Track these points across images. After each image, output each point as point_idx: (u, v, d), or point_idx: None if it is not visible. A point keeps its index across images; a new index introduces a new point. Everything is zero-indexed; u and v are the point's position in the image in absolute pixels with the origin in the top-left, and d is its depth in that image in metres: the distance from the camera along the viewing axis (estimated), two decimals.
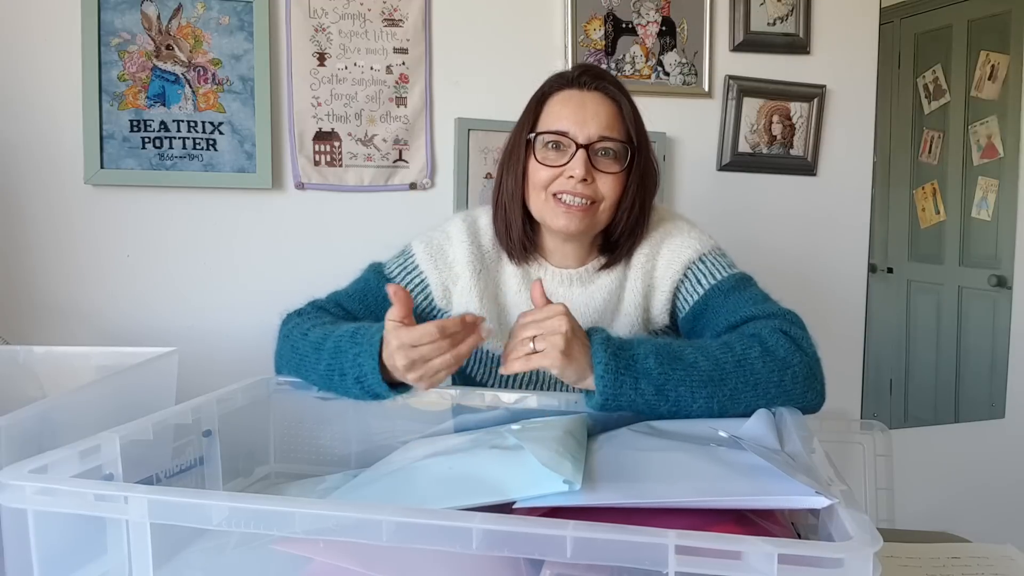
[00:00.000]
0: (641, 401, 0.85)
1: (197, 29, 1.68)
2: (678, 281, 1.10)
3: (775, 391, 0.87)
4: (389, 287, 0.85)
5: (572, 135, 1.04)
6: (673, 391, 0.85)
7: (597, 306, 1.12)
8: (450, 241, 1.14)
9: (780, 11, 1.98)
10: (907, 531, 0.98)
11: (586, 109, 1.05)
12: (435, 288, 1.13)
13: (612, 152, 1.06)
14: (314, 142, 1.76)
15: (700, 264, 1.10)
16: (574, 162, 1.04)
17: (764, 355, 0.89)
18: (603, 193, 1.06)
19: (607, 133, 1.05)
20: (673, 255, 1.11)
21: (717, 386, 0.86)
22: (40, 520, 0.64)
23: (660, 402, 0.85)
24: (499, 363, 1.01)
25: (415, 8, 1.79)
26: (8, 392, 1.13)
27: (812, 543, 0.53)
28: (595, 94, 1.07)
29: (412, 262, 1.14)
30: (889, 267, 3.12)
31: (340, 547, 0.62)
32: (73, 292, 1.67)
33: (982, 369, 2.71)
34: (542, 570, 0.59)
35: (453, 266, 1.13)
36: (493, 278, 1.14)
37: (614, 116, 1.06)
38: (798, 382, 0.89)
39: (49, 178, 1.64)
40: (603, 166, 1.05)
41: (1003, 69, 2.69)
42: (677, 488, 0.65)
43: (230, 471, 0.94)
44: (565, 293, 1.13)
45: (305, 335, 0.99)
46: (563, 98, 1.07)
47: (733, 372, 0.87)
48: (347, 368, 0.90)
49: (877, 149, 2.12)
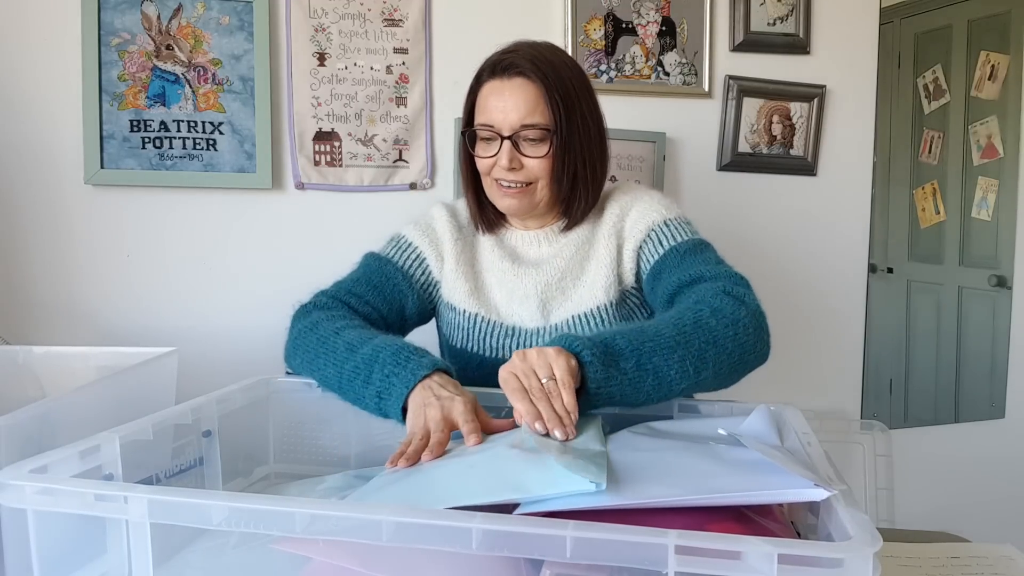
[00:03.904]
0: (626, 381, 0.86)
1: (197, 29, 1.68)
2: (642, 241, 1.16)
3: (731, 345, 0.92)
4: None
5: (497, 127, 1.11)
6: (648, 361, 0.87)
7: (568, 255, 1.19)
8: (433, 219, 1.25)
9: (780, 11, 1.98)
10: (907, 531, 0.98)
11: (506, 100, 1.11)
12: (432, 260, 1.21)
13: (536, 136, 1.11)
14: (314, 142, 1.76)
15: (664, 227, 1.15)
16: (500, 153, 1.11)
17: (714, 314, 0.94)
18: (535, 174, 1.13)
19: (528, 120, 1.10)
20: (640, 215, 1.17)
21: (685, 348, 0.89)
22: (40, 520, 0.64)
23: (642, 377, 0.86)
24: (482, 329, 1.17)
25: (415, 8, 1.79)
26: (8, 392, 1.14)
27: (812, 543, 0.53)
28: (515, 80, 1.11)
29: (405, 241, 1.23)
30: (889, 267, 3.12)
31: (340, 547, 0.62)
32: (73, 292, 1.67)
33: (982, 369, 2.71)
34: (542, 570, 0.59)
35: (441, 238, 1.22)
36: (470, 249, 1.23)
37: (535, 100, 1.10)
38: (749, 334, 0.95)
39: (49, 178, 1.64)
40: (529, 151, 1.12)
41: (1003, 69, 2.69)
42: (677, 487, 0.65)
43: (230, 471, 0.94)
44: (535, 251, 1.21)
45: (338, 332, 1.01)
46: (488, 90, 1.13)
47: (693, 332, 0.91)
48: (374, 379, 0.91)
49: (877, 149, 2.12)
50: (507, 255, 1.20)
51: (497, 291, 1.19)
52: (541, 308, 1.16)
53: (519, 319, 1.17)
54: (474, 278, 1.21)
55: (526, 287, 1.17)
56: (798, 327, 2.04)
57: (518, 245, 1.22)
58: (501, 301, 1.18)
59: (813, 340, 2.06)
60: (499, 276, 1.19)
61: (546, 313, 1.16)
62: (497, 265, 1.20)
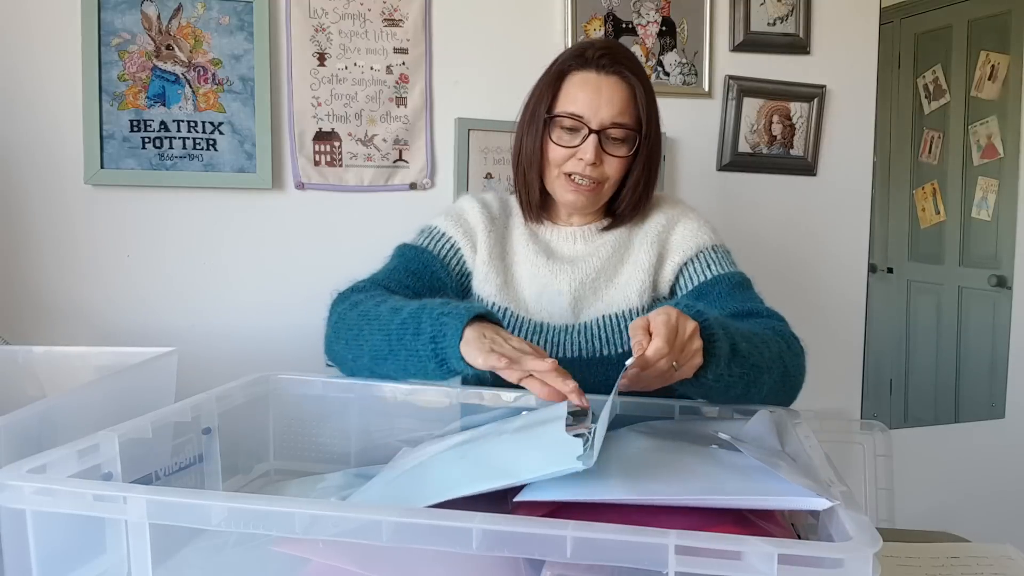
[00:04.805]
0: (723, 382, 0.87)
1: (197, 29, 1.68)
2: (689, 258, 1.16)
3: (791, 382, 0.98)
4: None
5: (586, 119, 1.10)
6: (751, 374, 0.89)
7: (605, 255, 1.18)
8: (464, 211, 1.23)
9: (780, 11, 1.98)
10: (907, 531, 0.98)
11: (601, 95, 1.10)
12: (465, 249, 1.20)
13: (621, 136, 1.11)
14: (314, 142, 1.76)
15: (712, 252, 1.17)
16: (585, 146, 1.10)
17: (788, 350, 0.98)
18: (608, 174, 1.13)
19: (619, 119, 1.10)
20: (689, 232, 1.18)
21: (769, 373, 0.92)
22: (39, 520, 0.64)
23: (738, 383, 0.88)
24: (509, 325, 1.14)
25: (415, 8, 1.79)
26: (8, 392, 1.13)
27: (812, 543, 0.53)
28: (612, 78, 1.10)
29: (438, 231, 1.21)
30: (889, 267, 3.12)
31: (339, 547, 0.62)
32: (73, 292, 1.67)
33: (982, 369, 2.71)
34: (542, 570, 0.59)
35: (474, 228, 1.21)
36: (501, 242, 1.21)
37: (627, 101, 1.11)
38: (801, 375, 1.01)
39: (49, 178, 1.64)
40: (612, 150, 1.11)
41: (1003, 69, 2.69)
42: (677, 487, 0.65)
43: (229, 469, 0.94)
44: (570, 248, 1.20)
45: (379, 304, 1.01)
46: (581, 80, 1.11)
47: (778, 361, 0.95)
48: (424, 327, 0.91)
49: (877, 149, 2.12)
50: (541, 250, 1.19)
51: (528, 286, 1.17)
52: (572, 306, 1.15)
53: (548, 316, 1.16)
54: (505, 271, 1.19)
55: (560, 283, 1.16)
56: (798, 327, 2.02)
57: (553, 240, 1.21)
58: (531, 297, 1.17)
59: (813, 340, 2.04)
60: (532, 270, 1.18)
61: (576, 311, 1.15)
62: (531, 260, 1.18)
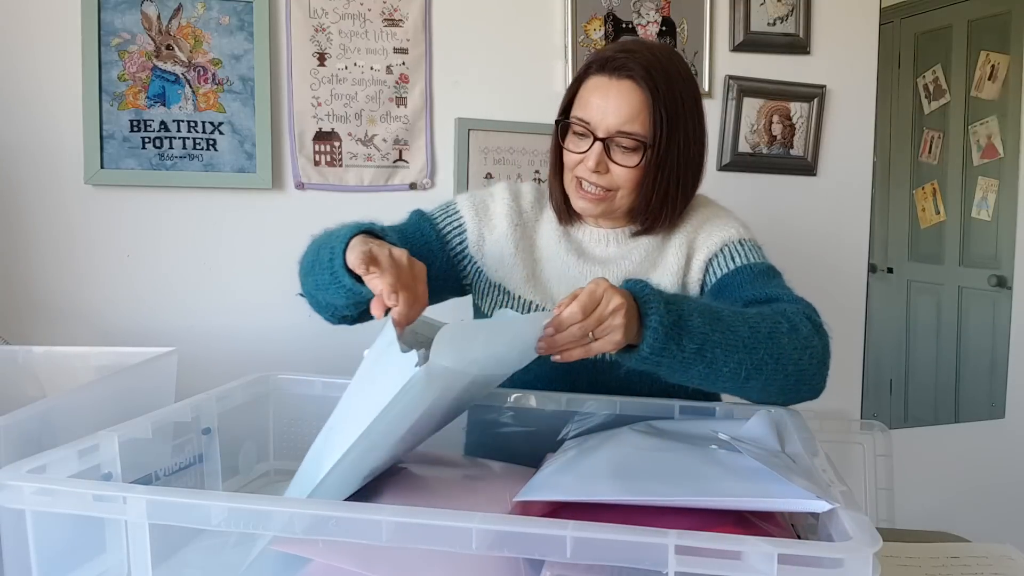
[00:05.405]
0: (677, 360, 0.86)
1: (197, 29, 1.68)
2: (714, 254, 1.13)
3: (792, 368, 0.92)
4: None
5: (593, 127, 1.06)
6: (710, 352, 0.86)
7: (637, 259, 1.15)
8: (493, 198, 1.20)
9: (780, 11, 1.98)
10: (907, 531, 0.98)
11: (609, 101, 1.05)
12: (471, 234, 1.17)
13: (629, 145, 1.06)
14: (314, 142, 1.76)
15: (738, 245, 1.13)
16: (589, 153, 1.07)
17: (791, 332, 0.93)
18: (618, 183, 1.08)
19: (626, 128, 1.05)
20: (716, 229, 1.15)
21: (748, 353, 0.89)
22: (39, 520, 0.64)
23: (696, 361, 0.86)
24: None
25: (415, 8, 1.79)
26: (8, 392, 1.13)
27: (812, 543, 0.53)
28: (625, 83, 1.05)
29: (454, 208, 1.20)
30: (889, 267, 3.12)
31: (339, 547, 0.62)
32: (73, 292, 1.66)
33: (982, 369, 2.71)
34: (542, 570, 0.59)
35: (493, 218, 1.18)
36: (530, 235, 1.19)
37: (638, 109, 1.05)
38: (814, 363, 0.94)
39: (49, 178, 1.64)
40: (619, 158, 1.07)
41: (1003, 69, 2.69)
42: (677, 488, 0.65)
43: (229, 468, 0.94)
44: (603, 250, 1.17)
45: (326, 231, 1.02)
46: (593, 85, 1.08)
47: (764, 342, 0.90)
48: (331, 239, 0.93)
49: (877, 149, 2.12)
50: (573, 249, 1.16)
51: (556, 283, 1.16)
52: None
53: None
54: (532, 265, 1.17)
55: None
56: None
57: (585, 240, 1.17)
58: (559, 294, 1.14)
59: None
60: (561, 268, 1.16)
61: None
62: (562, 257, 1.16)
